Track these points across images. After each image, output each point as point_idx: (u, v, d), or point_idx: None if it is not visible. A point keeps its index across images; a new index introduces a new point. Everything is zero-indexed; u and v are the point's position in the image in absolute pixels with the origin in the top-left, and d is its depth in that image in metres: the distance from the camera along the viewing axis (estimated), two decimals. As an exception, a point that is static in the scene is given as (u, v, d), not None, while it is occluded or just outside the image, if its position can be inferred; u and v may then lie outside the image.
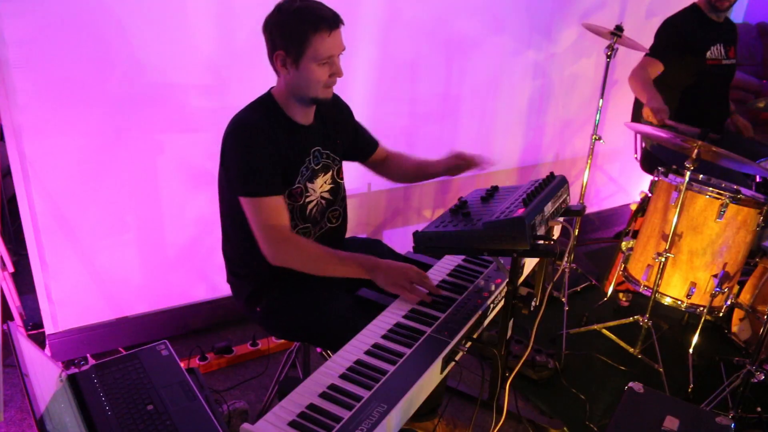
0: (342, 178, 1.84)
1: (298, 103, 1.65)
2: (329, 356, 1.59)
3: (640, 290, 2.43)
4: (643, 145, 3.06)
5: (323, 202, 1.77)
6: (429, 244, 1.52)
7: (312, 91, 1.60)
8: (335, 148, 1.80)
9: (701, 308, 2.32)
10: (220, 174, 1.69)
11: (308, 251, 1.60)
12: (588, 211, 3.67)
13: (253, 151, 1.57)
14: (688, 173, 2.16)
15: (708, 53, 2.78)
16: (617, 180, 3.81)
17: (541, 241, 1.42)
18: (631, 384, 1.76)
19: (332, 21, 1.54)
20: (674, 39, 2.75)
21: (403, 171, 1.98)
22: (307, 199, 1.71)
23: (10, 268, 2.31)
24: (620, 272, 2.59)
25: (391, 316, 1.50)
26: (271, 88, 1.69)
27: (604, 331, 2.58)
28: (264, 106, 1.65)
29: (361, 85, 2.58)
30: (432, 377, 1.33)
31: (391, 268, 1.55)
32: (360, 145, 1.92)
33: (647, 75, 2.73)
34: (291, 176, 1.66)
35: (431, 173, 1.94)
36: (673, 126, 2.50)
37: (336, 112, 1.81)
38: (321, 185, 1.75)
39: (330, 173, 1.78)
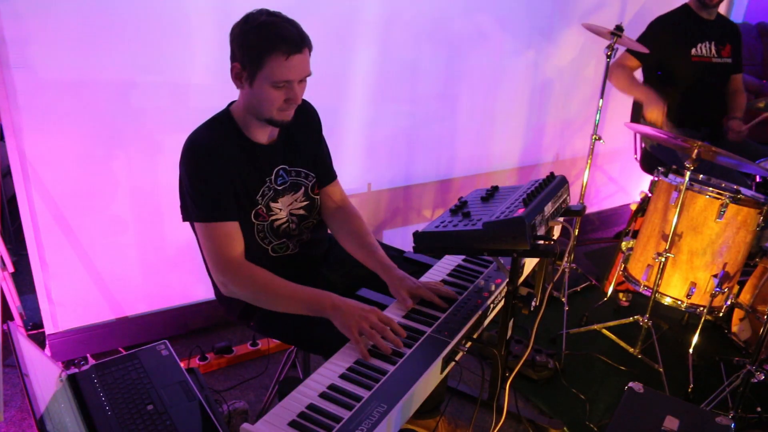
0: (317, 193, 1.74)
1: (256, 121, 1.56)
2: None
3: (640, 290, 2.43)
4: (643, 145, 3.06)
5: (295, 218, 1.69)
6: (429, 244, 1.52)
7: (266, 112, 1.50)
8: (307, 163, 1.70)
9: (701, 308, 2.32)
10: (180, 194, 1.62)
11: (260, 283, 1.50)
12: (588, 211, 3.67)
13: (205, 174, 1.50)
14: (688, 173, 2.16)
15: (693, 50, 2.77)
16: (617, 180, 3.81)
17: (541, 241, 1.42)
18: (631, 384, 1.76)
19: (294, 45, 1.42)
20: (658, 35, 2.76)
21: (346, 240, 1.74)
22: (273, 218, 1.64)
23: (10, 268, 2.31)
24: (620, 272, 2.60)
25: (391, 316, 1.50)
26: (231, 103, 1.62)
27: (604, 331, 2.59)
28: (220, 124, 1.57)
29: (361, 85, 2.58)
30: (432, 377, 1.33)
31: (351, 312, 1.40)
32: (317, 167, 1.75)
33: (627, 71, 2.78)
34: (251, 197, 1.59)
35: (368, 265, 1.70)
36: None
37: (305, 124, 1.70)
38: (290, 203, 1.67)
39: (302, 191, 1.69)
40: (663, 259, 2.29)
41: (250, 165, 1.58)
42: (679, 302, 2.34)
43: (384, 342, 1.35)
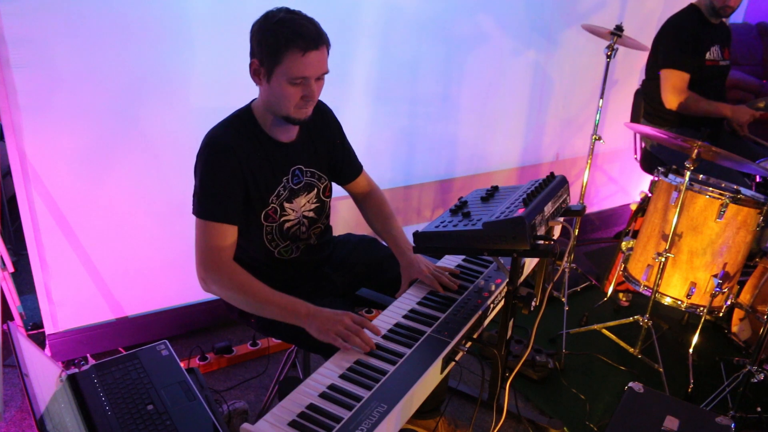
0: (328, 196, 1.77)
1: (275, 119, 1.57)
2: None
3: (640, 290, 2.43)
4: (643, 145, 3.06)
5: (306, 221, 1.71)
6: (429, 244, 1.52)
7: (283, 109, 1.51)
8: (322, 165, 1.73)
9: (701, 308, 2.32)
10: None
11: (239, 286, 1.51)
12: (588, 211, 3.67)
13: (214, 173, 1.52)
14: (688, 173, 2.16)
15: (707, 54, 2.78)
16: (617, 180, 3.81)
17: (541, 241, 1.42)
18: (631, 384, 1.76)
19: (311, 41, 1.43)
20: (683, 41, 2.74)
21: (372, 223, 1.87)
22: (284, 218, 1.65)
23: (10, 268, 2.31)
24: (620, 272, 2.60)
25: (391, 316, 1.50)
26: (252, 100, 1.63)
27: (604, 331, 2.58)
28: (240, 122, 1.58)
29: (361, 85, 2.58)
30: (432, 377, 1.33)
31: (325, 317, 1.44)
32: (340, 166, 1.80)
33: (683, 91, 2.73)
34: (265, 197, 1.60)
35: (388, 245, 1.82)
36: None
37: (322, 125, 1.73)
38: (303, 204, 1.69)
39: (314, 192, 1.71)
40: (663, 259, 2.29)
41: (268, 163, 1.59)
42: (679, 302, 2.34)
43: (361, 341, 1.37)
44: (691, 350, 2.37)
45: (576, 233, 3.01)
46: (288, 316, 1.48)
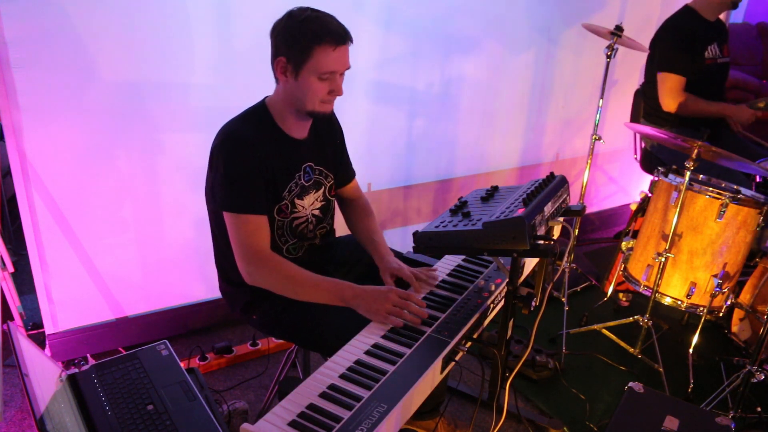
0: (334, 196, 1.80)
1: (293, 115, 1.61)
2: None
3: (640, 290, 2.43)
4: (643, 145, 3.06)
5: (313, 219, 1.73)
6: (429, 244, 1.52)
7: (309, 104, 1.56)
8: (328, 163, 1.75)
9: (701, 308, 2.32)
10: (207, 183, 1.64)
11: (285, 273, 1.55)
12: (588, 211, 3.67)
13: (239, 165, 1.53)
14: (688, 173, 2.16)
15: (706, 53, 2.79)
16: (617, 180, 3.81)
17: (541, 241, 1.42)
18: (631, 384, 1.76)
19: (339, 37, 1.51)
20: (678, 44, 2.75)
21: (355, 227, 1.86)
22: (295, 215, 1.67)
23: (10, 268, 2.31)
24: (620, 272, 2.60)
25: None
26: (266, 97, 1.66)
27: (604, 331, 2.58)
28: (256, 117, 1.61)
29: (361, 85, 2.58)
30: (432, 377, 1.33)
31: (372, 297, 1.48)
32: (337, 168, 1.82)
33: (680, 94, 2.74)
34: (279, 192, 1.62)
35: (368, 250, 1.80)
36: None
37: (328, 124, 1.78)
38: (312, 202, 1.71)
39: (322, 190, 1.74)
40: (663, 259, 2.29)
41: (282, 158, 1.62)
42: (679, 302, 2.34)
43: (411, 316, 1.44)
44: (691, 350, 2.37)
45: (576, 233, 3.02)
46: (334, 299, 1.52)
